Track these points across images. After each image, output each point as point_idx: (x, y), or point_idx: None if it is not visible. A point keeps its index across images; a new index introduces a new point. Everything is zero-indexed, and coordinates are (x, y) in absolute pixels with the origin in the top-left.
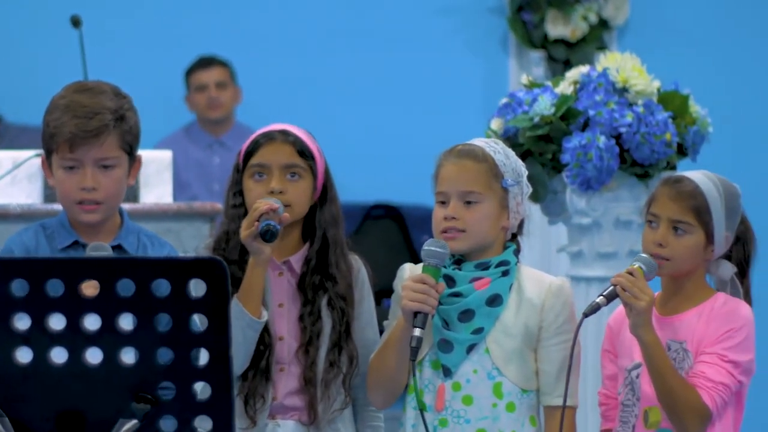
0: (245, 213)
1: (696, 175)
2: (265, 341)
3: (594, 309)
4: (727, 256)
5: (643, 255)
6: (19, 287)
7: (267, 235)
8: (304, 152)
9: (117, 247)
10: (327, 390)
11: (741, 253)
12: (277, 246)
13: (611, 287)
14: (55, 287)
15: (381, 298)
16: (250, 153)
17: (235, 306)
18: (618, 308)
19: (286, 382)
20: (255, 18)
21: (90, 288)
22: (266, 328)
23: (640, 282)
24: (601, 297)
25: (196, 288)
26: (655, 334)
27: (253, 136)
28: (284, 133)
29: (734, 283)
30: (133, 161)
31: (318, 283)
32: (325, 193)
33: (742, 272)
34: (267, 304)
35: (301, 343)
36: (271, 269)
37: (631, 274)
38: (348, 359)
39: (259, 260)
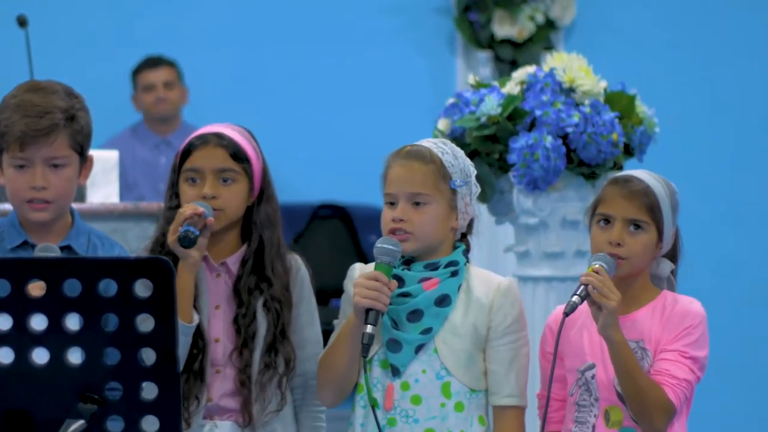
0: None
1: (641, 174)
2: (198, 345)
3: (572, 308)
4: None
5: (602, 254)
6: None
7: (185, 242)
8: (238, 155)
9: (66, 248)
10: (262, 392)
11: (670, 252)
12: (214, 248)
13: (583, 286)
14: (1, 287)
15: (329, 298)
16: (185, 155)
17: None
18: (556, 310)
19: (221, 383)
20: (201, 17)
21: (36, 288)
22: (200, 330)
23: (608, 281)
24: (576, 296)
25: (143, 288)
26: (622, 333)
27: (188, 138)
28: (218, 136)
29: (670, 280)
30: (84, 161)
31: (254, 285)
32: (262, 194)
33: (671, 270)
34: (203, 306)
35: (235, 345)
36: (208, 271)
37: (597, 273)
38: (284, 361)
39: (186, 265)
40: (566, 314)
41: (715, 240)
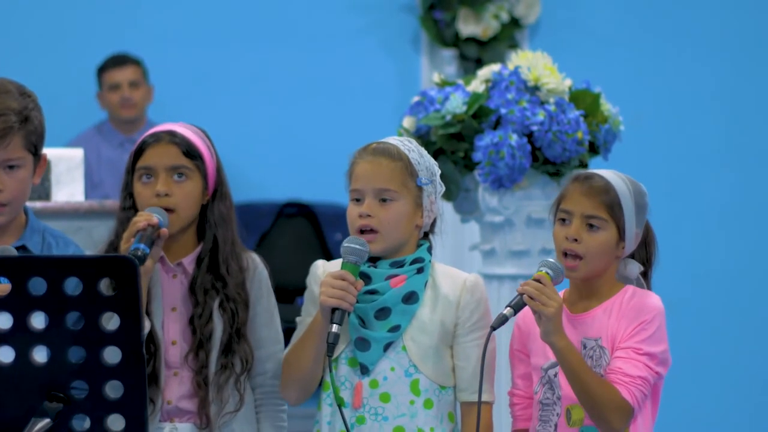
0: (135, 215)
1: (605, 172)
2: (150, 349)
3: (502, 321)
4: (631, 256)
5: (550, 260)
6: None
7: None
8: (191, 153)
9: (21, 248)
10: (219, 392)
11: (643, 254)
12: (171, 248)
13: (518, 297)
14: None
15: (294, 296)
16: (138, 154)
17: None
18: (526, 308)
19: (179, 386)
20: (165, 15)
21: (1, 288)
22: (152, 335)
23: (548, 288)
24: (509, 308)
25: (107, 286)
26: (566, 338)
27: (142, 137)
28: (171, 134)
29: (640, 282)
30: (39, 161)
31: (209, 284)
32: (216, 193)
33: (644, 273)
34: (157, 309)
35: (191, 347)
36: (164, 272)
37: (538, 281)
38: (240, 361)
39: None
40: (493, 328)
41: (682, 239)
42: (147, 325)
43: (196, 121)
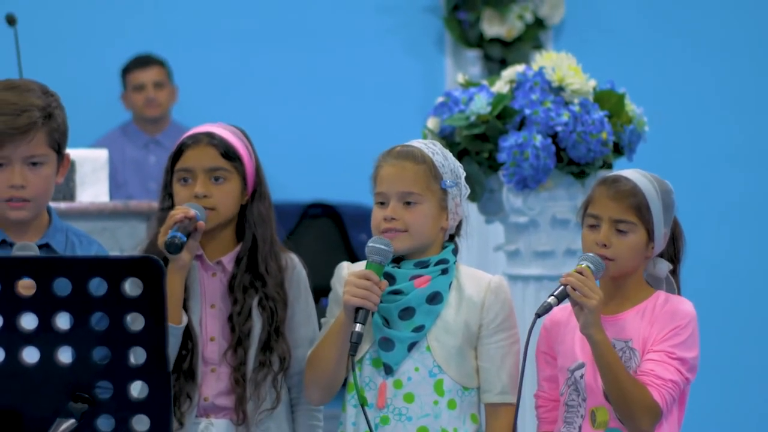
0: None
1: (631, 173)
2: (188, 345)
3: (546, 309)
4: (659, 254)
5: (590, 254)
6: None
7: (171, 248)
8: (229, 154)
9: (45, 246)
10: (256, 390)
11: (671, 250)
12: (210, 246)
13: (561, 287)
14: None
15: (319, 296)
16: (177, 156)
17: None
18: (553, 309)
19: (216, 382)
20: (191, 16)
21: (26, 287)
22: (189, 331)
23: (590, 281)
24: (552, 297)
25: (132, 287)
26: (604, 333)
27: (180, 138)
28: (209, 136)
29: (669, 280)
30: (62, 160)
31: (248, 283)
32: (255, 192)
33: (673, 269)
34: (196, 306)
35: (230, 344)
36: (204, 270)
37: (580, 273)
38: (278, 359)
39: (176, 266)
40: (538, 315)
41: (707, 238)
42: (184, 320)
43: (220, 121)
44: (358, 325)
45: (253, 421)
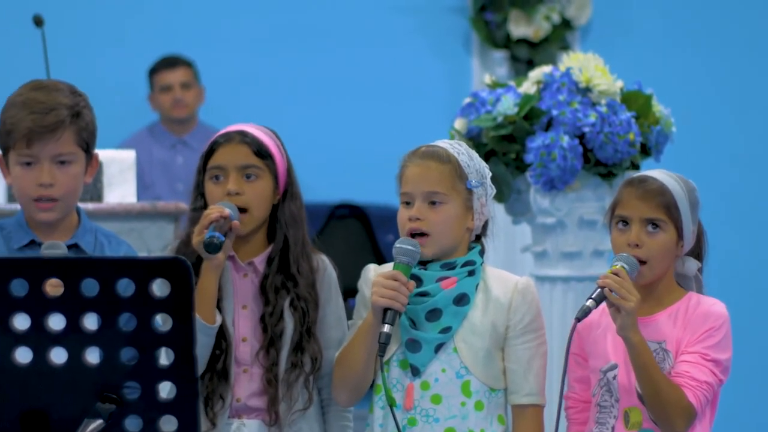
0: None
1: (657, 173)
2: (221, 345)
3: (585, 312)
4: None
5: (624, 254)
6: None
7: (210, 248)
8: (261, 152)
9: (74, 246)
10: (289, 390)
11: (696, 250)
12: (241, 247)
13: (599, 289)
14: (19, 287)
15: (346, 298)
16: (209, 155)
17: None
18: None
19: (249, 383)
20: (217, 17)
21: (52, 286)
22: (223, 331)
23: (627, 282)
24: (591, 300)
25: (160, 288)
26: (641, 334)
27: (212, 137)
28: (241, 134)
29: (698, 278)
30: (90, 159)
31: (280, 283)
32: (286, 192)
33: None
34: (228, 307)
35: (262, 345)
36: (235, 271)
37: (616, 274)
38: (310, 360)
39: (211, 266)
40: (578, 319)
41: (734, 239)
42: (218, 319)
43: (247, 122)
44: (386, 325)
45: (285, 422)
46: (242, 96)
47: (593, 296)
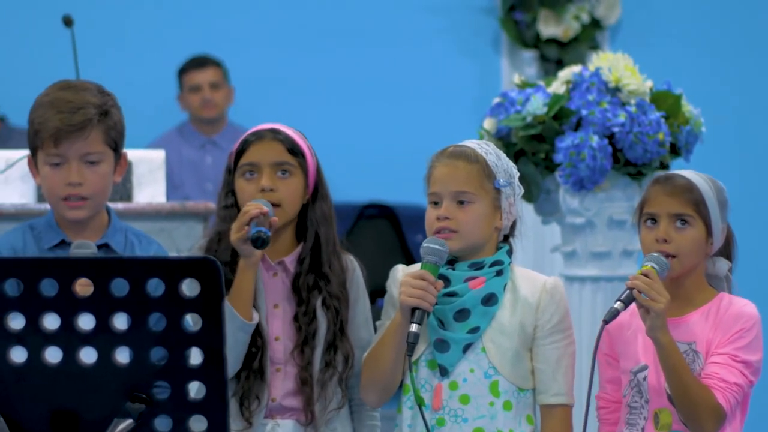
0: (237, 213)
1: (685, 172)
2: (257, 343)
3: (613, 315)
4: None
5: (654, 254)
6: (12, 287)
7: (258, 243)
8: (294, 150)
9: (104, 246)
10: (323, 390)
11: (724, 253)
12: (270, 246)
13: (627, 291)
14: (49, 287)
15: (374, 297)
16: (240, 153)
17: (226, 308)
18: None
19: (283, 382)
20: (246, 17)
21: (82, 286)
22: (259, 329)
23: (656, 284)
24: (619, 302)
25: (190, 287)
26: (671, 335)
27: (243, 136)
28: (274, 132)
29: (729, 279)
30: (119, 159)
31: (312, 283)
32: (316, 192)
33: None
34: (261, 305)
35: (296, 344)
36: (265, 270)
37: (646, 275)
38: (343, 359)
39: (249, 263)
40: (605, 321)
41: (763, 241)
42: (256, 317)
43: (277, 122)
44: (414, 325)
45: (321, 421)
46: (271, 96)
47: (621, 298)
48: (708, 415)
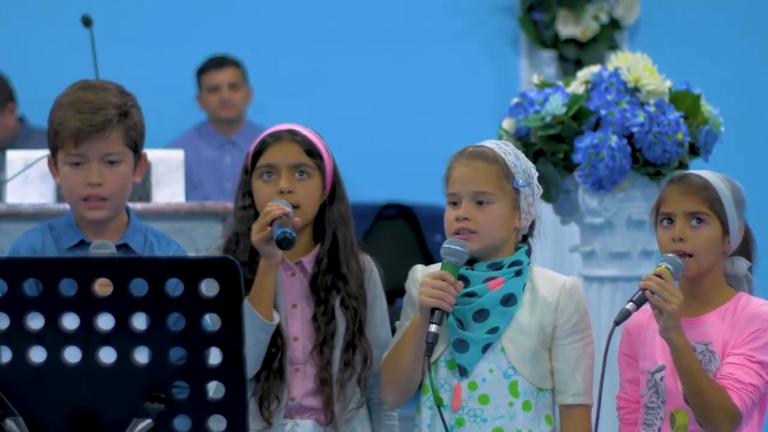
0: (255, 214)
1: (700, 171)
2: (277, 343)
3: (624, 316)
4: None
5: (669, 255)
6: (32, 287)
7: (284, 243)
8: (312, 151)
9: (123, 246)
10: (343, 390)
11: (743, 253)
12: None
13: (640, 292)
14: (68, 287)
15: (394, 297)
16: (258, 154)
17: (247, 309)
18: (637, 312)
19: (302, 382)
20: (265, 17)
21: (101, 286)
22: (278, 329)
23: (669, 284)
24: (631, 303)
25: (209, 287)
26: (684, 336)
27: (260, 137)
28: (291, 133)
29: (748, 278)
30: (139, 159)
31: (330, 283)
32: (333, 192)
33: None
34: (279, 305)
35: (315, 344)
36: (283, 270)
37: (659, 276)
38: (362, 358)
39: (270, 263)
40: (616, 323)
41: None
42: (276, 317)
43: (295, 122)
44: (434, 325)
45: (340, 421)
46: (290, 96)
47: (633, 299)
48: (723, 416)
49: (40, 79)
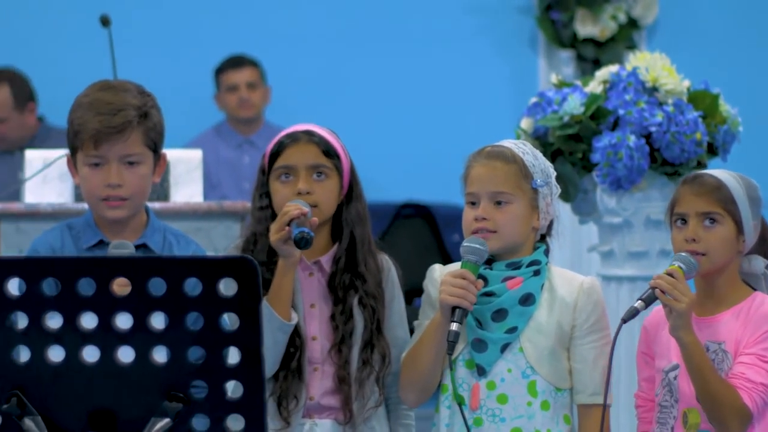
0: (272, 214)
1: (714, 171)
2: (295, 342)
3: (632, 314)
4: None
5: (682, 254)
6: (50, 286)
7: (302, 243)
8: (329, 152)
9: (142, 246)
10: (361, 389)
11: (761, 251)
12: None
13: (649, 290)
14: (86, 286)
15: (412, 297)
16: (275, 154)
17: (265, 309)
18: (654, 310)
19: (321, 381)
20: (283, 17)
21: (120, 286)
22: (296, 328)
23: (681, 284)
24: (640, 301)
25: (227, 287)
26: (695, 335)
27: (277, 138)
28: (308, 134)
29: (767, 276)
30: (158, 159)
31: (348, 282)
32: (351, 192)
33: None
34: (298, 305)
35: (333, 343)
36: (301, 270)
37: (671, 275)
38: (380, 357)
39: (288, 263)
40: (624, 320)
41: None
42: (294, 317)
43: (313, 122)
44: (455, 324)
45: (359, 420)
46: (308, 96)
47: (643, 297)
48: (733, 416)
49: (58, 79)
